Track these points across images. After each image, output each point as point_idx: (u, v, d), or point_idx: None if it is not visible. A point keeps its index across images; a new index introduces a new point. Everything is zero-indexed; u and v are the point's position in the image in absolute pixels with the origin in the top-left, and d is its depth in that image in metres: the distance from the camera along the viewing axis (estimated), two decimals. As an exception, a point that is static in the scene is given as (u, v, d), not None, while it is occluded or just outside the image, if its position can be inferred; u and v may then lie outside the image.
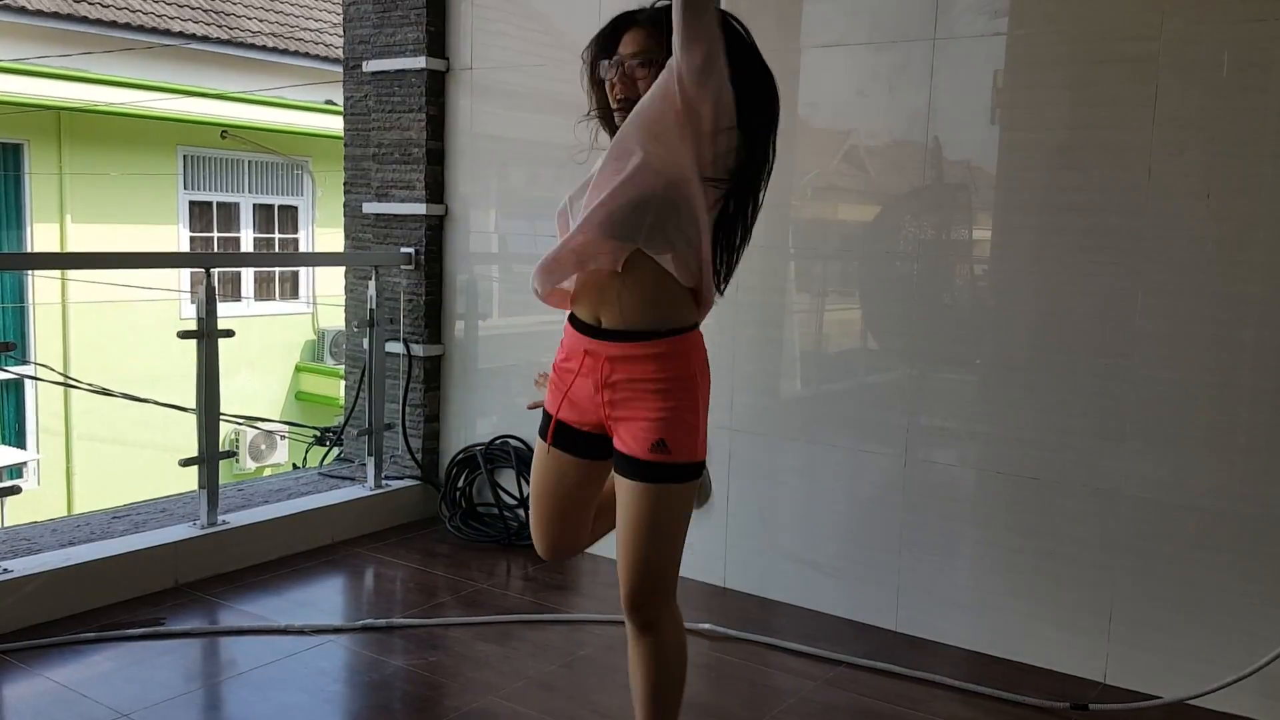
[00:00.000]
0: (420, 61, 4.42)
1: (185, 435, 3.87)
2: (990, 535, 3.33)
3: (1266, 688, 2.89)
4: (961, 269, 3.40)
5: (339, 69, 5.35)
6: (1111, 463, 3.11)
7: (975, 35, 3.25)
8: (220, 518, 3.88)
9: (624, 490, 2.10)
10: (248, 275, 11.88)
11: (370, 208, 4.67)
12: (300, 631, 3.36)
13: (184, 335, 3.78)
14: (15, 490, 3.60)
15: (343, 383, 5.79)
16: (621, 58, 2.08)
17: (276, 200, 12.38)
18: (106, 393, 8.31)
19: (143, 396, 8.35)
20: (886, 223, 3.52)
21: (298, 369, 12.25)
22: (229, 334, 3.84)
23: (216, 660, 3.22)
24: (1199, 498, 3.00)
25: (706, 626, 3.45)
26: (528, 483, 4.29)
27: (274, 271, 12.31)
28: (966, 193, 3.36)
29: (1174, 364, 3.01)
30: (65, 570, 3.40)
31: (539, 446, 2.28)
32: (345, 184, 4.93)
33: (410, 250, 4.53)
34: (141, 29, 11.15)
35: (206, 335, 3.76)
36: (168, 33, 11.38)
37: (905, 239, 3.47)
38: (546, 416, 2.27)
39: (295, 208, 12.57)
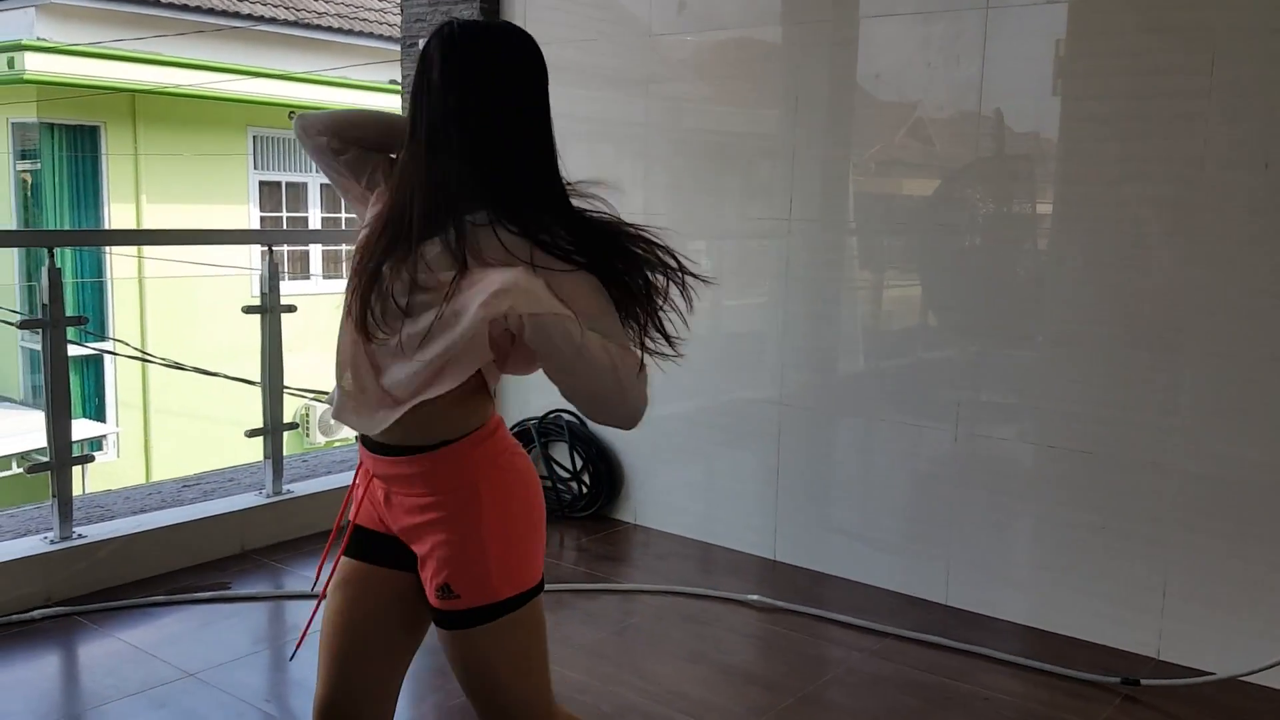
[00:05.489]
0: (476, 39, 4.46)
1: (256, 409, 4.00)
2: (1043, 510, 3.31)
3: (1324, 665, 2.85)
4: (1022, 242, 3.36)
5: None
6: (1166, 437, 3.07)
7: (1029, 3, 3.20)
8: (285, 487, 4.00)
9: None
10: (315, 253, 12.09)
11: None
12: (360, 597, 3.45)
13: (247, 310, 3.90)
14: (89, 459, 3.74)
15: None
16: None
17: (343, 180, 12.58)
18: (179, 367, 8.55)
19: (213, 370, 8.58)
20: (946, 196, 3.49)
21: (367, 345, 12.44)
22: (291, 309, 3.95)
23: (281, 623, 3.33)
24: (1254, 473, 2.94)
25: (755, 598, 3.48)
26: (580, 455, 4.35)
27: (341, 249, 12.51)
28: (1029, 164, 3.32)
29: (1230, 338, 2.95)
30: (137, 536, 3.54)
31: None
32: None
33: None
34: (211, 11, 11.38)
35: (269, 310, 3.88)
36: (236, 15, 11.60)
37: (965, 212, 3.44)
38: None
39: (361, 187, 12.76)
